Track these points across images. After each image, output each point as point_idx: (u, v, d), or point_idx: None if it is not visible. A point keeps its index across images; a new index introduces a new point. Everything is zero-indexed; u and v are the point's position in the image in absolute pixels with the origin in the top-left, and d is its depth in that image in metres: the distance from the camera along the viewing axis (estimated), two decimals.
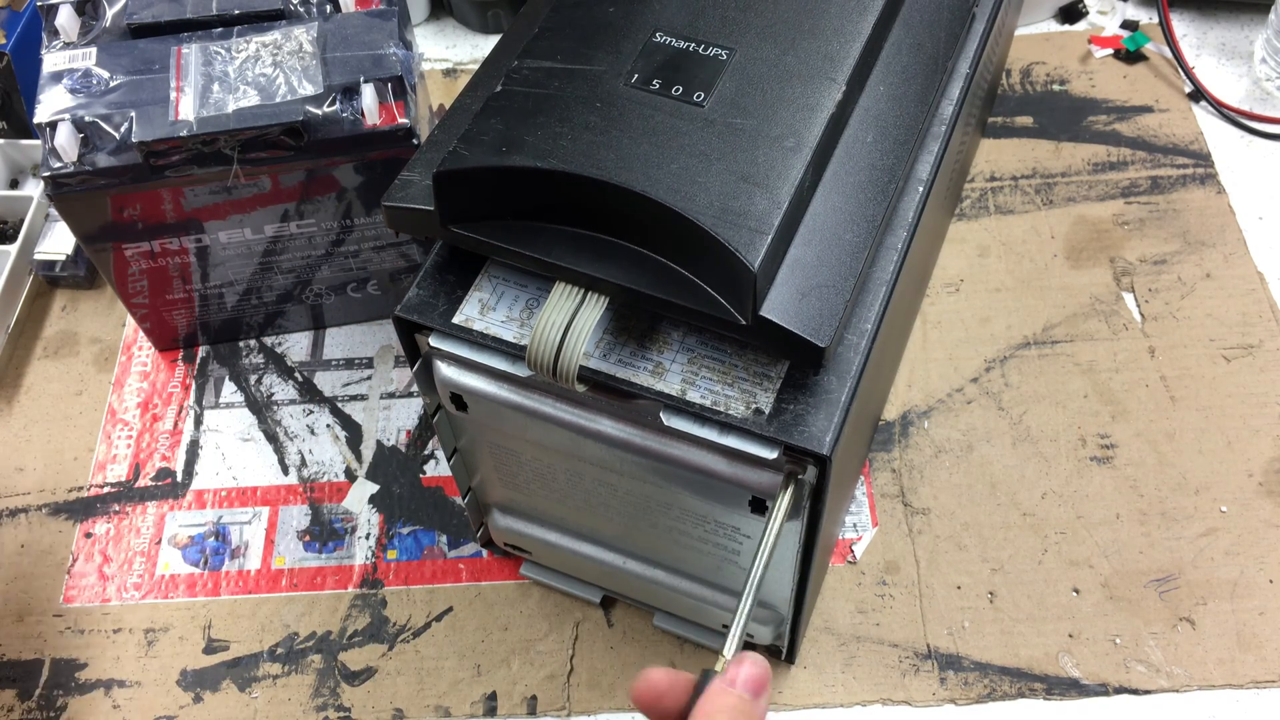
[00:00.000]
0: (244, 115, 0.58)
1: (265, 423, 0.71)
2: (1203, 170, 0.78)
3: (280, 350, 0.74)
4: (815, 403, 0.43)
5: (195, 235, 0.65)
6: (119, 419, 0.71)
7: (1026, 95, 0.83)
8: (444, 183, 0.43)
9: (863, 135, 0.46)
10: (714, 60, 0.45)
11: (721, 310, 0.41)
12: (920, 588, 0.62)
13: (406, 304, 0.47)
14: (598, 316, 0.42)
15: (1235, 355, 0.70)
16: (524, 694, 0.60)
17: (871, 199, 0.44)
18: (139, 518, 0.67)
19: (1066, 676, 0.59)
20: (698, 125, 0.43)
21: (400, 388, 0.72)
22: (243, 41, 0.61)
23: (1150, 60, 0.85)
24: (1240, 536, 0.63)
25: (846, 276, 0.42)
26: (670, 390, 0.43)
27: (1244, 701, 0.58)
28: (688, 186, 0.41)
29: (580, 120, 0.43)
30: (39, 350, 0.75)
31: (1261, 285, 0.72)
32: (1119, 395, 0.68)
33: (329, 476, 0.68)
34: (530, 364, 0.43)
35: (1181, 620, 0.60)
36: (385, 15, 0.63)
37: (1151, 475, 0.65)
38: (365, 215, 0.66)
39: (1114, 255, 0.74)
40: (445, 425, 0.53)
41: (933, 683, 0.59)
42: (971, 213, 0.77)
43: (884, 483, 0.66)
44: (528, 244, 0.43)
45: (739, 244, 0.39)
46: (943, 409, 0.68)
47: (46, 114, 0.59)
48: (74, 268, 0.76)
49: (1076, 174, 0.79)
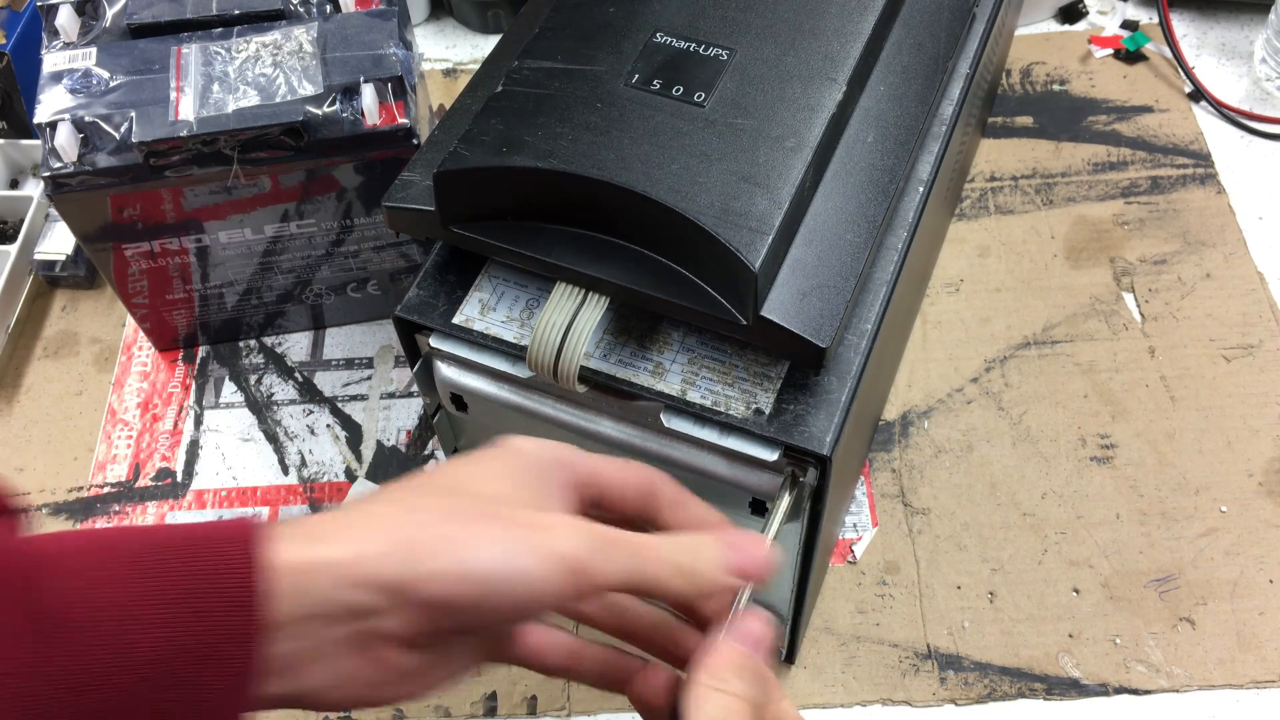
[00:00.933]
0: (244, 115, 0.58)
1: (265, 423, 0.71)
2: (1203, 170, 0.78)
3: (280, 350, 0.74)
4: (815, 403, 0.43)
5: (195, 235, 0.65)
6: (119, 419, 0.71)
7: (1026, 95, 0.83)
8: (444, 183, 0.43)
9: (863, 135, 0.46)
10: (714, 60, 0.45)
11: (722, 310, 0.41)
12: (920, 588, 0.62)
13: (406, 304, 0.47)
14: (598, 317, 0.42)
15: (1235, 355, 0.70)
16: (524, 694, 0.60)
17: (872, 199, 0.44)
18: (139, 518, 0.67)
19: (1066, 676, 0.59)
20: (698, 125, 0.43)
21: (400, 388, 0.72)
22: (243, 41, 0.61)
23: (1150, 60, 0.85)
24: (1240, 536, 0.63)
25: (847, 277, 0.42)
26: (670, 390, 0.43)
27: (1244, 701, 0.58)
28: (688, 187, 0.41)
29: (581, 120, 0.43)
30: (39, 350, 0.75)
31: (1261, 285, 0.72)
32: (1119, 395, 0.68)
33: (329, 476, 0.68)
34: (530, 364, 0.43)
35: (1181, 620, 0.60)
36: (385, 15, 0.63)
37: (1151, 475, 0.65)
38: (365, 215, 0.66)
39: (1114, 255, 0.74)
40: (445, 425, 0.53)
41: (933, 683, 0.59)
42: (971, 213, 0.77)
43: (884, 483, 0.66)
44: (528, 244, 0.43)
45: (740, 244, 0.39)
46: (943, 409, 0.68)
47: (46, 114, 0.59)
48: (74, 268, 0.76)
49: (1076, 174, 0.79)
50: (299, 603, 0.30)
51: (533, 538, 0.32)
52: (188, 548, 0.29)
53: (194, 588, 0.29)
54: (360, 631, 0.31)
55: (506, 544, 0.31)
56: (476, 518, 0.32)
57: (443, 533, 0.31)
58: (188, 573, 0.29)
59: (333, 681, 0.31)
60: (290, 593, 0.30)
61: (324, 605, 0.30)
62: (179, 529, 0.30)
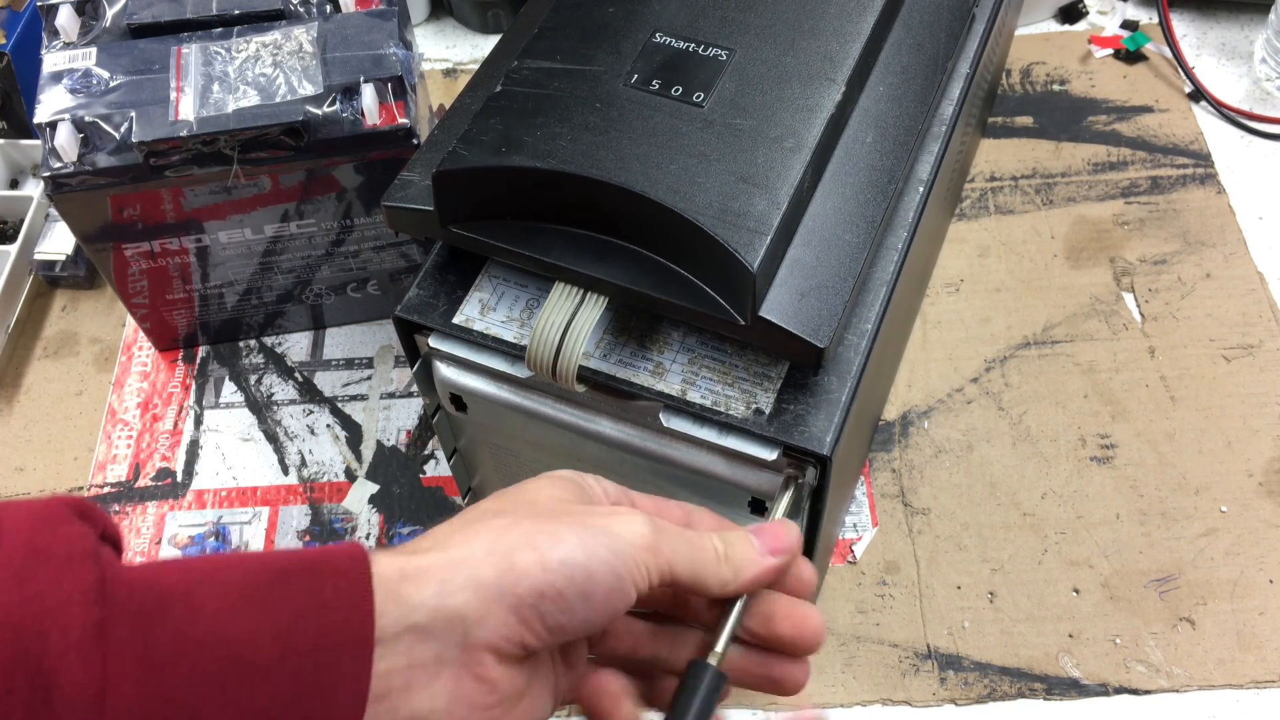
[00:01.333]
0: (244, 115, 0.58)
1: (265, 423, 0.71)
2: (1203, 170, 0.78)
3: (280, 350, 0.74)
4: (815, 403, 0.43)
5: (195, 235, 0.65)
6: (119, 419, 0.71)
7: (1026, 95, 0.83)
8: (443, 183, 0.43)
9: (862, 135, 0.46)
10: (714, 61, 0.45)
11: (721, 311, 0.41)
12: (920, 588, 0.62)
13: (406, 304, 0.47)
14: (597, 317, 0.42)
15: (1235, 355, 0.69)
16: None
17: (871, 199, 0.44)
18: (139, 518, 0.67)
19: (1066, 676, 0.59)
20: (697, 126, 0.43)
21: (400, 388, 0.72)
22: (243, 41, 0.61)
23: (1150, 60, 0.85)
24: (1240, 536, 0.63)
25: (846, 277, 0.42)
26: (670, 390, 0.43)
27: (1244, 701, 0.58)
28: (687, 187, 0.41)
29: (580, 120, 0.43)
30: (39, 350, 0.75)
31: (1261, 285, 0.72)
32: (1119, 395, 0.68)
33: (329, 476, 0.68)
34: (530, 364, 0.43)
35: (1181, 620, 0.60)
36: (385, 15, 0.63)
37: (1151, 475, 0.65)
38: (365, 215, 0.66)
39: (1114, 255, 0.74)
40: (445, 426, 0.53)
41: (933, 683, 0.59)
42: (971, 213, 0.77)
43: (884, 483, 0.66)
44: (527, 244, 0.43)
45: (738, 244, 0.39)
46: (943, 409, 0.68)
47: (46, 114, 0.59)
48: (74, 268, 0.76)
49: (1076, 174, 0.79)
50: (403, 615, 0.31)
51: (606, 527, 0.34)
52: (298, 578, 0.31)
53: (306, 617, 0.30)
54: (461, 644, 0.32)
55: (584, 535, 0.33)
56: (551, 517, 0.34)
57: (525, 532, 0.33)
58: (299, 604, 0.30)
59: (441, 704, 0.32)
60: (394, 607, 0.31)
61: (428, 614, 0.31)
62: (286, 558, 0.31)
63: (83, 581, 0.28)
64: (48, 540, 0.29)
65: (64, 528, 0.30)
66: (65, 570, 0.28)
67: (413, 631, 0.31)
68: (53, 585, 0.28)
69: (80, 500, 0.31)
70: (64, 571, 0.28)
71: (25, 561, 0.28)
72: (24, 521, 0.29)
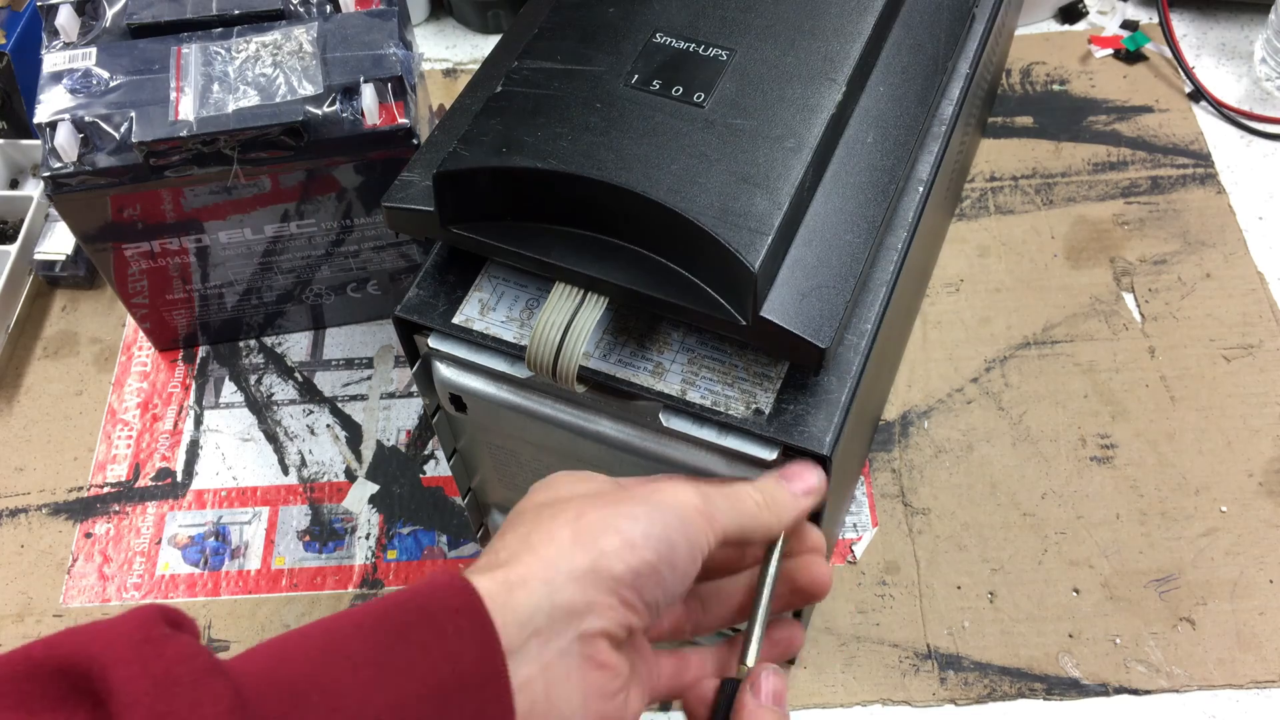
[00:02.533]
0: (244, 115, 0.58)
1: (265, 423, 0.71)
2: (1203, 170, 0.78)
3: (280, 350, 0.74)
4: (815, 403, 0.43)
5: (195, 235, 0.65)
6: (119, 419, 0.71)
7: (1026, 95, 0.83)
8: (444, 183, 0.43)
9: (863, 135, 0.46)
10: (714, 61, 0.45)
11: (722, 311, 0.41)
12: (920, 588, 0.62)
13: (406, 304, 0.47)
14: (597, 317, 0.42)
15: (1235, 355, 0.70)
16: None
17: (872, 199, 0.44)
18: (139, 518, 0.67)
19: (1066, 676, 0.59)
20: (698, 126, 0.43)
21: (400, 388, 0.72)
22: (243, 41, 0.61)
23: (1150, 60, 0.85)
24: (1240, 536, 0.63)
25: (847, 277, 0.42)
26: (670, 390, 0.43)
27: (1244, 701, 0.58)
28: (688, 187, 0.41)
29: (580, 121, 0.43)
30: (39, 350, 0.75)
31: (1261, 285, 0.72)
32: (1119, 395, 0.68)
33: (329, 476, 0.68)
34: (530, 364, 0.43)
35: (1181, 620, 0.60)
36: (385, 15, 0.63)
37: (1151, 475, 0.65)
38: (365, 215, 0.66)
39: (1114, 255, 0.74)
40: (445, 426, 0.53)
41: (933, 683, 0.59)
42: (971, 213, 0.77)
43: (884, 483, 0.66)
44: (527, 244, 0.43)
45: (739, 245, 0.39)
46: (943, 409, 0.68)
47: (46, 114, 0.59)
48: (74, 268, 0.76)
49: (1076, 174, 0.79)
50: (524, 623, 0.31)
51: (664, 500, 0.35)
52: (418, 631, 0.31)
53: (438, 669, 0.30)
54: (578, 636, 0.32)
55: (650, 510, 0.34)
56: (612, 499, 0.35)
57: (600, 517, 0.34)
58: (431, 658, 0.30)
59: (577, 700, 0.32)
60: (513, 618, 0.31)
61: (546, 616, 0.32)
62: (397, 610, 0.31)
63: (220, 701, 0.27)
64: (163, 668, 0.27)
65: (170, 646, 0.28)
66: (194, 691, 0.27)
67: (537, 636, 0.32)
68: (189, 711, 0.27)
69: (165, 608, 0.30)
70: (196, 691, 0.27)
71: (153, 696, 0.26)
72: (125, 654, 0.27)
